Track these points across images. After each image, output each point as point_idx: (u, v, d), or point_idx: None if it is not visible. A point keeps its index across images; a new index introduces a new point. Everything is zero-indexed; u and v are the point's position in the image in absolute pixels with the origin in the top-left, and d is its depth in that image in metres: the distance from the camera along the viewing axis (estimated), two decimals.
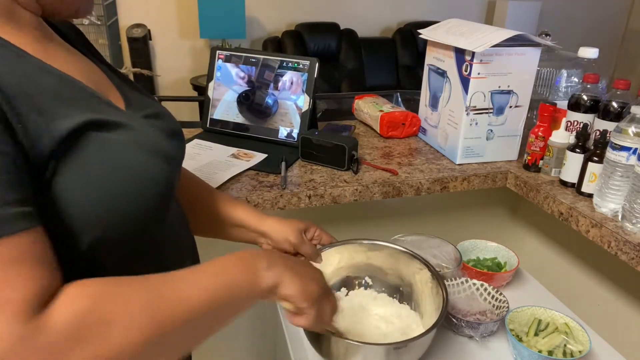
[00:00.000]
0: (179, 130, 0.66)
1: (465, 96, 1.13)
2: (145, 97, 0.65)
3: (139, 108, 0.60)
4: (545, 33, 1.31)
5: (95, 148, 0.49)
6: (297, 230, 0.83)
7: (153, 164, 0.54)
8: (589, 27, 4.65)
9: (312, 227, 0.87)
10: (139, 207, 0.52)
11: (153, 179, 0.53)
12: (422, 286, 0.89)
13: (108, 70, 0.64)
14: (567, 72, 1.23)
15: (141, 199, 0.52)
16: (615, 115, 0.97)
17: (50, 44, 0.54)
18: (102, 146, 0.49)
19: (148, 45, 3.60)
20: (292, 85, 1.24)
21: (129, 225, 0.52)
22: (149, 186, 0.53)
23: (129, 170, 0.51)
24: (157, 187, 0.54)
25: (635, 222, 0.87)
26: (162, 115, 0.64)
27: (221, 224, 0.82)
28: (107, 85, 0.60)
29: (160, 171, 0.55)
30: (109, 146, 0.50)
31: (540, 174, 1.14)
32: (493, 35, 1.08)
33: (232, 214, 0.82)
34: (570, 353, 0.92)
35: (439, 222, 1.39)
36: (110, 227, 0.50)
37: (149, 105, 0.63)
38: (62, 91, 0.49)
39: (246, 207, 0.84)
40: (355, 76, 3.92)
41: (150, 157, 0.54)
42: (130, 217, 0.51)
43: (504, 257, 1.19)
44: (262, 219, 0.83)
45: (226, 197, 0.84)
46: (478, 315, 1.01)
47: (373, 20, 4.20)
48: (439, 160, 1.22)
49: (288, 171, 1.11)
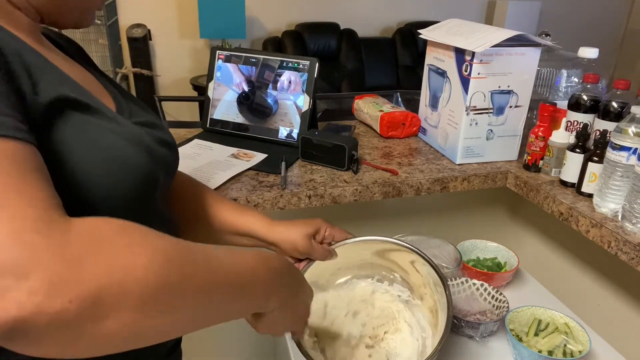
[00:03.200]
0: (171, 141, 0.64)
1: (465, 96, 1.13)
2: (142, 110, 0.64)
3: (131, 115, 0.59)
4: (545, 33, 1.31)
5: (75, 124, 0.48)
6: (305, 237, 0.81)
7: (133, 152, 0.52)
8: (589, 27, 4.65)
9: (322, 227, 0.84)
10: (117, 191, 0.50)
11: (132, 165, 0.52)
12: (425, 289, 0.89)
13: (107, 81, 0.64)
14: (567, 72, 1.23)
15: (119, 183, 0.50)
16: (615, 115, 0.97)
17: (48, 51, 0.54)
18: (82, 125, 0.48)
19: (148, 45, 3.60)
20: (292, 85, 1.24)
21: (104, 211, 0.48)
22: (127, 172, 0.51)
23: (107, 151, 0.49)
24: (136, 174, 0.52)
25: (635, 222, 0.87)
26: (155, 125, 0.63)
27: (227, 233, 0.80)
28: (101, 92, 0.59)
29: (141, 161, 0.53)
30: (89, 126, 0.49)
31: (540, 174, 1.14)
32: (493, 35, 1.08)
33: (238, 223, 0.79)
34: (570, 353, 0.92)
35: (439, 222, 1.39)
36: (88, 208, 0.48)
37: (143, 115, 0.62)
38: (50, 71, 0.49)
39: (253, 215, 0.81)
40: (355, 76, 3.92)
41: (131, 146, 0.52)
42: (106, 202, 0.49)
43: (504, 257, 1.19)
44: (271, 228, 0.79)
45: (232, 206, 0.81)
46: (478, 315, 1.01)
47: (373, 20, 4.20)
48: (439, 160, 1.22)
49: (288, 171, 1.11)
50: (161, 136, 0.61)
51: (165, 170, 0.61)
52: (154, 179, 0.56)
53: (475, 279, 1.06)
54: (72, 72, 0.54)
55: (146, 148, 0.55)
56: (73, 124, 0.48)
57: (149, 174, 0.55)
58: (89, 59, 0.68)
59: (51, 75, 0.48)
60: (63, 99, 0.47)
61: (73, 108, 0.48)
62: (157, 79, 3.82)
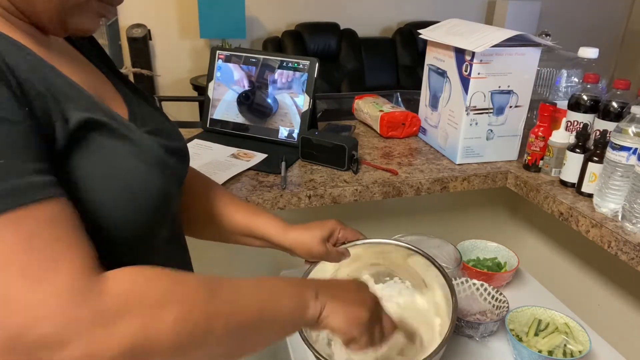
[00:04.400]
0: (182, 148, 0.64)
1: (465, 96, 1.13)
2: (152, 110, 0.64)
3: (143, 122, 0.58)
4: (545, 33, 1.31)
5: (94, 151, 0.47)
6: (320, 241, 0.80)
7: (150, 175, 0.52)
8: (589, 27, 4.65)
9: (335, 229, 0.83)
10: (134, 215, 0.51)
11: (149, 190, 0.52)
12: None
13: (121, 83, 0.63)
14: (567, 72, 1.23)
15: (137, 209, 0.51)
16: (615, 115, 0.97)
17: (51, 51, 0.52)
18: (100, 151, 0.48)
19: (148, 45, 3.60)
20: (292, 85, 1.24)
21: (118, 234, 0.50)
22: (145, 198, 0.51)
23: (122, 178, 0.50)
24: (153, 198, 0.52)
25: (635, 222, 0.87)
26: (165, 131, 0.62)
27: (238, 234, 0.79)
28: (111, 96, 0.58)
29: (158, 182, 0.53)
30: (107, 151, 0.49)
31: (540, 174, 1.14)
32: (493, 35, 1.08)
33: (252, 225, 0.78)
34: (570, 353, 0.92)
35: (439, 222, 1.39)
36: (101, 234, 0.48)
37: (156, 121, 0.62)
38: (60, 87, 0.47)
39: (268, 218, 0.79)
40: (355, 76, 3.92)
41: (148, 168, 0.52)
42: (119, 227, 0.50)
43: (504, 257, 1.19)
44: (285, 232, 0.78)
45: (245, 206, 0.80)
46: (478, 315, 1.01)
47: (373, 20, 4.20)
48: (439, 160, 1.22)
49: (288, 171, 1.10)
50: (171, 144, 0.60)
51: (177, 183, 0.61)
52: (168, 196, 0.56)
53: (475, 279, 1.06)
54: (79, 74, 0.53)
55: (160, 165, 0.54)
56: (92, 151, 0.47)
57: (164, 193, 0.55)
58: (105, 57, 0.66)
59: (71, 93, 0.47)
60: (89, 121, 0.47)
61: (96, 130, 0.48)
62: (157, 79, 3.82)
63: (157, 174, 0.53)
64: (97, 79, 0.59)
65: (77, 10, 0.51)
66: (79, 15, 0.51)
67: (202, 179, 0.80)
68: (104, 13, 0.54)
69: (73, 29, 0.52)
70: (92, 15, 0.53)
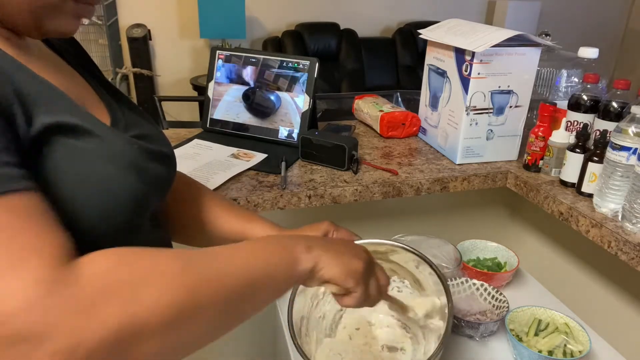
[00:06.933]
0: (168, 153, 0.63)
1: (465, 96, 1.13)
2: (140, 118, 0.63)
3: (126, 127, 0.57)
4: (545, 33, 1.31)
5: (65, 155, 0.47)
6: None
7: (124, 179, 0.51)
8: (589, 27, 4.65)
9: (329, 231, 0.82)
10: (107, 219, 0.50)
11: (122, 195, 0.51)
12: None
13: (102, 88, 0.62)
14: (567, 72, 1.23)
15: (110, 212, 0.50)
16: (615, 115, 0.97)
17: (28, 54, 0.52)
18: (71, 154, 0.47)
19: (148, 45, 3.60)
20: (292, 85, 1.24)
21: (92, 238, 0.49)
22: (117, 202, 0.50)
23: (97, 184, 0.49)
24: (127, 202, 0.51)
25: (635, 222, 0.87)
26: (151, 137, 0.61)
27: (231, 241, 0.76)
28: (92, 101, 0.58)
29: (131, 187, 0.52)
30: (78, 155, 0.48)
31: (540, 174, 1.14)
32: (493, 35, 1.08)
33: (246, 232, 0.77)
34: (570, 353, 0.92)
35: (439, 222, 1.39)
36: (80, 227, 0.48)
37: (140, 126, 0.61)
38: (31, 89, 0.46)
39: (261, 223, 0.78)
40: (355, 76, 3.92)
41: (121, 171, 0.51)
42: (94, 228, 0.49)
43: (504, 257, 1.19)
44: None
45: (237, 212, 0.79)
46: (478, 315, 1.01)
47: (373, 20, 4.20)
48: (439, 160, 1.22)
49: (288, 171, 1.11)
50: (156, 149, 0.59)
51: (157, 190, 0.59)
52: (145, 202, 0.55)
53: (475, 279, 1.06)
54: (57, 78, 0.52)
55: (137, 169, 0.53)
56: (62, 155, 0.46)
57: (140, 198, 0.53)
58: (88, 60, 0.66)
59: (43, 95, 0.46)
60: (54, 126, 0.46)
61: (63, 134, 0.47)
62: (157, 79, 3.82)
63: (132, 178, 0.52)
64: (76, 83, 0.58)
65: (53, 12, 0.50)
66: (56, 17, 0.50)
67: (193, 186, 0.79)
68: (82, 14, 0.53)
69: (51, 31, 0.51)
70: (69, 16, 0.51)
